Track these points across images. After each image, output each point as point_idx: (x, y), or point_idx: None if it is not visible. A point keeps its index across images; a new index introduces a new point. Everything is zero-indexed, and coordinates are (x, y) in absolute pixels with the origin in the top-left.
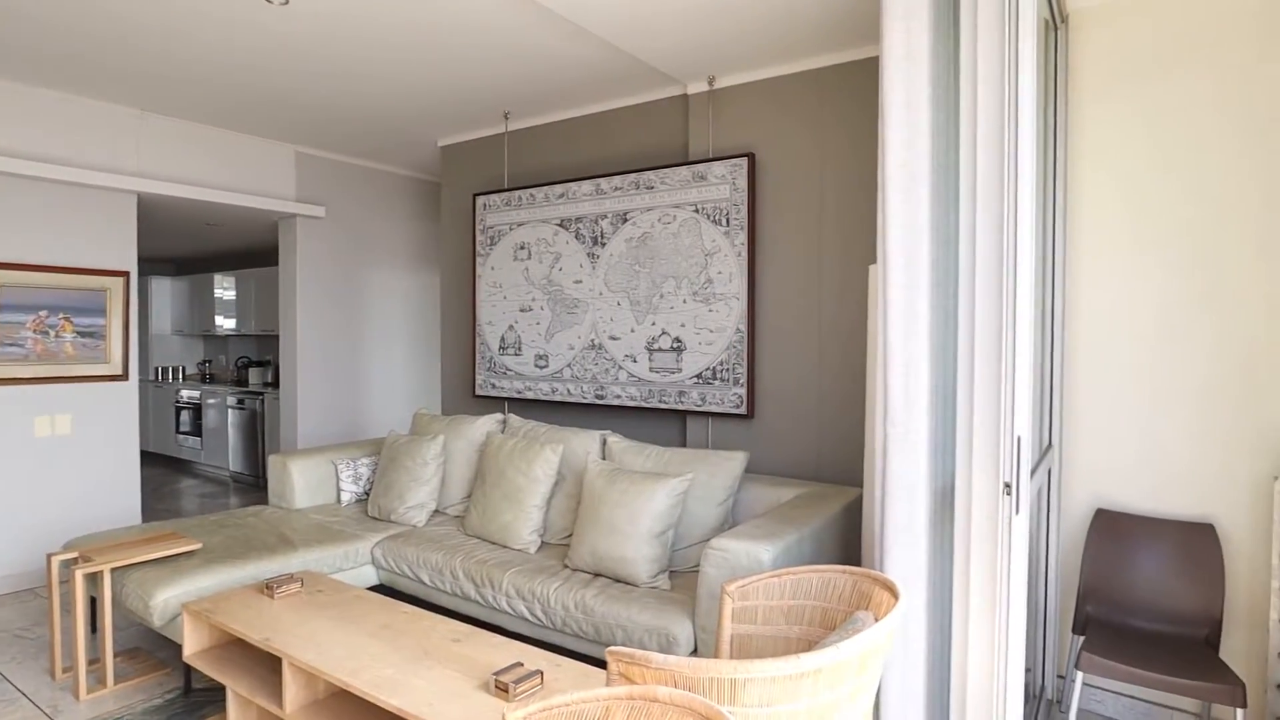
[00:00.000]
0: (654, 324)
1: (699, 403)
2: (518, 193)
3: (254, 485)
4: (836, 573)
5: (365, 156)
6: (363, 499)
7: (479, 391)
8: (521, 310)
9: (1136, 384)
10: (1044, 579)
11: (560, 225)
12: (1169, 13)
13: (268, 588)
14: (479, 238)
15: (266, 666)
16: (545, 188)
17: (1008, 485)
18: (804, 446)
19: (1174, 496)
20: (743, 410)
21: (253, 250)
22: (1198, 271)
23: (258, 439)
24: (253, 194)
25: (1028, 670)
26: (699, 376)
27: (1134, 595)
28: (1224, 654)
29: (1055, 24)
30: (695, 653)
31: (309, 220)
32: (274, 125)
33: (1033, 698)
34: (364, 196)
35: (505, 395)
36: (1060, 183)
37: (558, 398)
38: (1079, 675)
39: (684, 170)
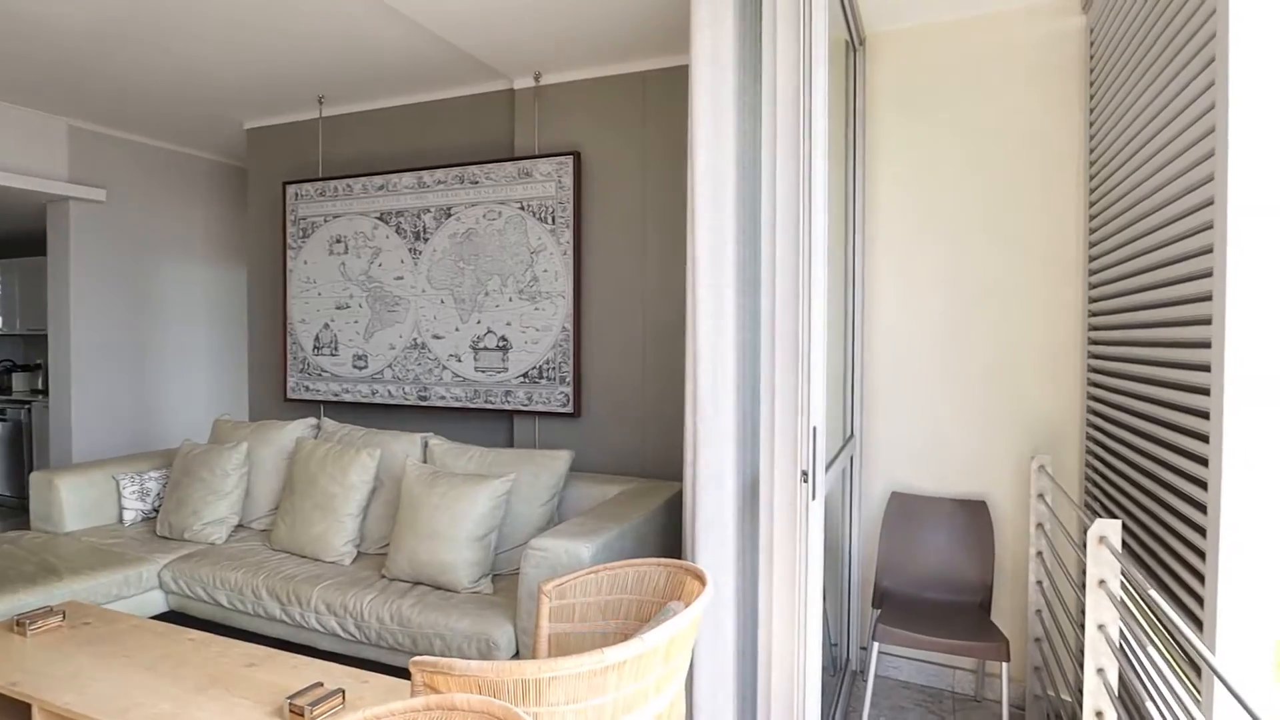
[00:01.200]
0: (479, 322)
1: (526, 402)
2: (334, 182)
3: (20, 508)
4: (651, 566)
5: (158, 136)
6: (151, 517)
7: (291, 395)
8: (338, 308)
9: (924, 377)
10: (848, 559)
11: (380, 219)
12: (946, 43)
13: (18, 624)
14: (290, 229)
15: (15, 716)
16: (364, 178)
17: (805, 473)
18: (630, 443)
19: (955, 478)
20: (569, 409)
21: (15, 237)
22: (973, 275)
23: (23, 455)
24: (10, 171)
25: (834, 645)
26: (526, 375)
27: (922, 569)
28: (995, 615)
29: (855, 45)
30: (516, 656)
31: (86, 204)
32: (40, 94)
33: (839, 670)
34: (156, 180)
35: (320, 399)
36: (860, 192)
37: (378, 400)
38: (875, 646)
39: (510, 166)
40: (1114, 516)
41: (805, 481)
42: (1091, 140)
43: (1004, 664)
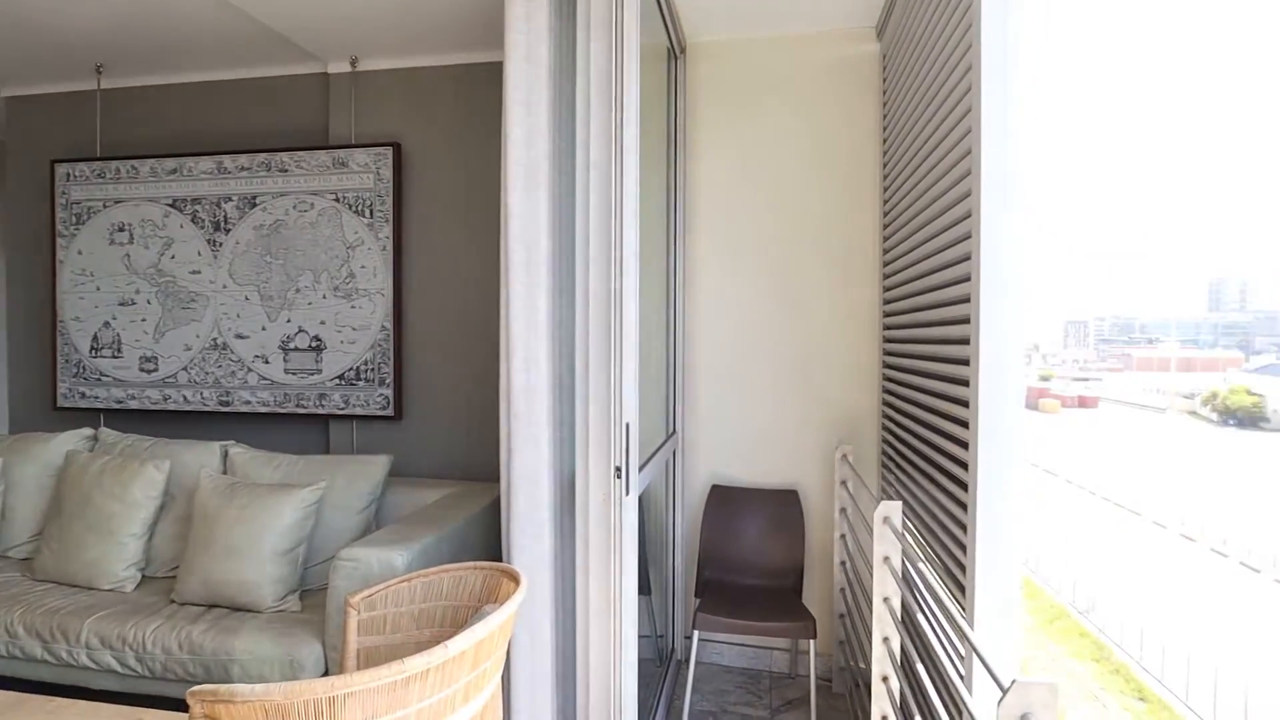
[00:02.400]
0: (289, 321)
1: (342, 405)
2: (115, 164)
3: None
4: (468, 570)
5: None
6: None
7: (63, 403)
8: (121, 304)
9: (741, 374)
10: (672, 552)
11: (173, 206)
12: (759, 57)
13: None
14: (61, 215)
15: None
16: (153, 161)
17: (618, 469)
18: (456, 445)
19: (768, 468)
20: (390, 411)
21: None
22: (784, 276)
23: None
24: None
25: (660, 636)
26: (342, 378)
27: (740, 557)
28: (806, 596)
29: (676, 52)
30: (326, 675)
31: None
32: None
33: (665, 660)
34: None
35: (100, 406)
36: (682, 194)
37: (171, 406)
38: (695, 634)
39: (324, 155)
40: (901, 499)
41: (619, 477)
42: (885, 154)
43: (811, 641)
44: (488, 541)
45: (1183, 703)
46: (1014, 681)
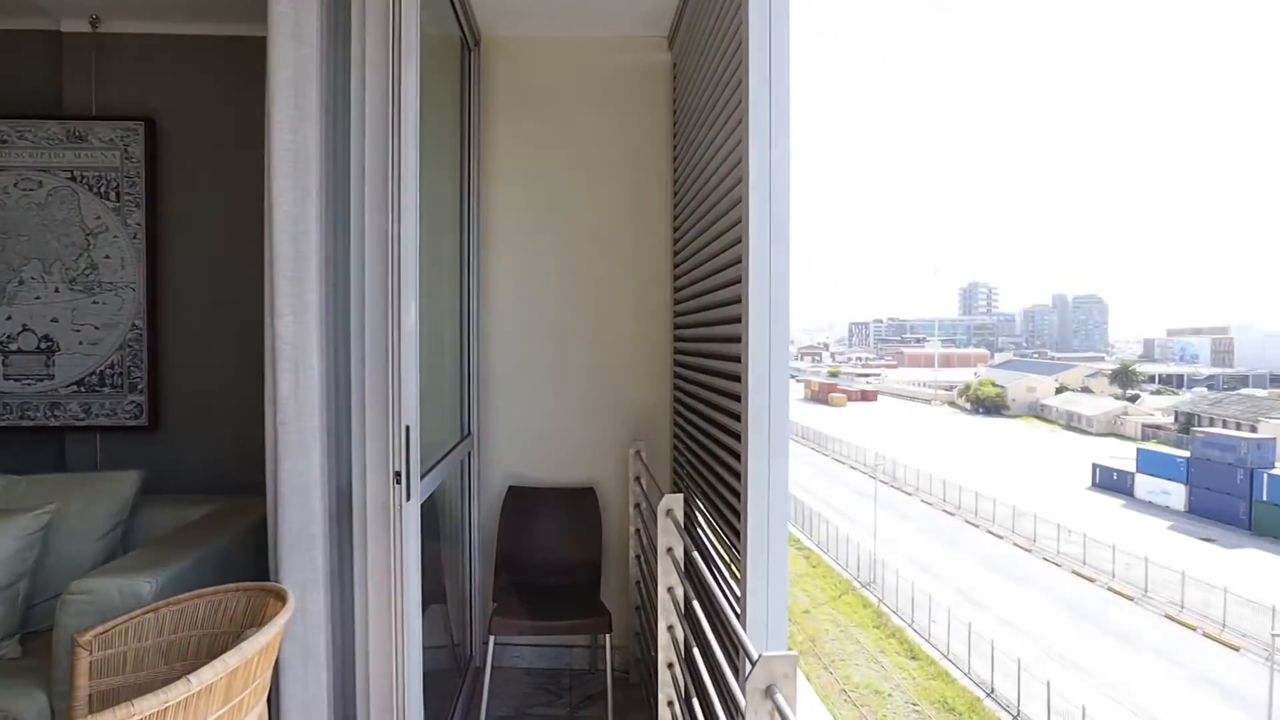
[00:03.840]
0: (10, 318)
1: (82, 415)
2: None
3: None
4: (229, 593)
5: None
6: None
7: None
8: None
9: (539, 374)
10: (469, 557)
11: None
12: (555, 56)
13: None
14: None
15: None
16: None
17: (398, 474)
18: (222, 457)
19: (567, 467)
20: (143, 421)
21: None
22: (580, 277)
23: None
24: None
25: (457, 645)
26: (81, 384)
27: (539, 558)
28: (605, 591)
29: (470, 44)
30: None
31: None
32: None
33: (463, 668)
34: None
35: None
36: (475, 191)
37: None
38: (492, 640)
39: (55, 126)
40: (689, 492)
41: (399, 483)
42: (675, 160)
43: (607, 635)
44: (258, 560)
45: (945, 656)
46: (760, 656)
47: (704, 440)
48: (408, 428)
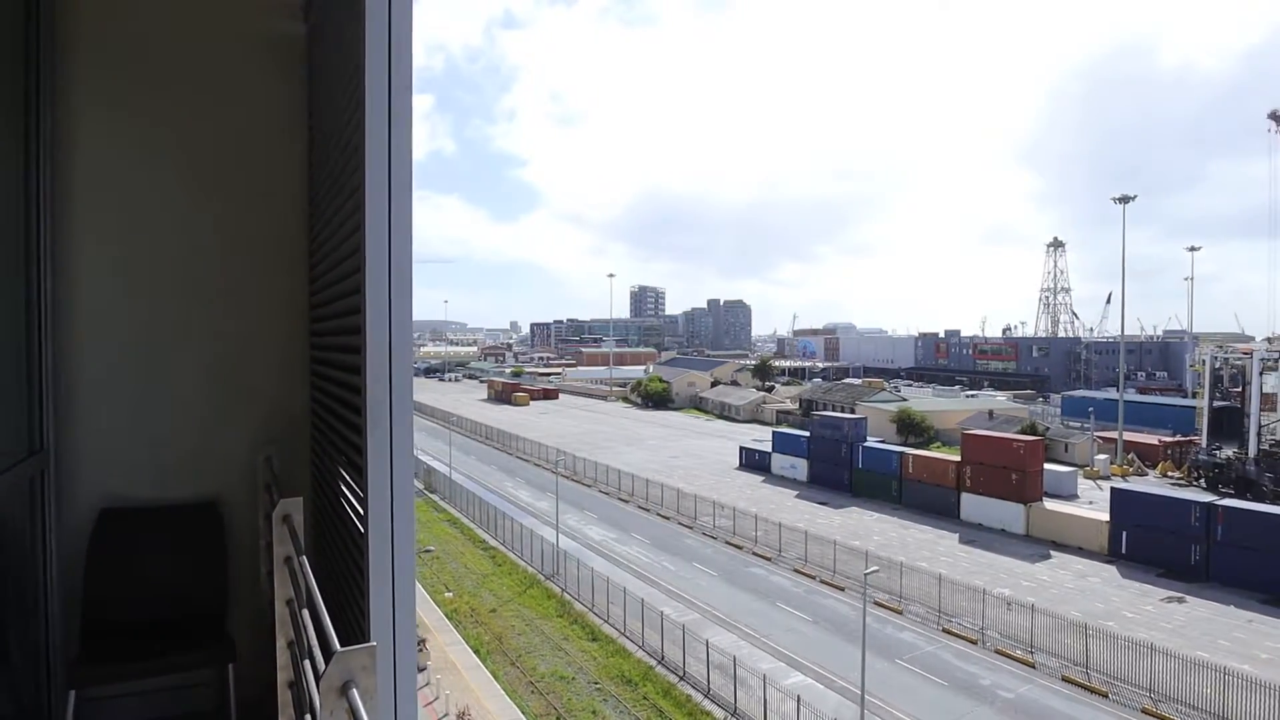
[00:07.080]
0: None
1: None
2: None
3: None
4: None
5: None
6: None
7: None
8: None
9: (147, 374)
10: (45, 601)
11: None
12: (161, 11)
13: None
14: None
15: None
16: None
17: None
18: None
19: (183, 481)
20: None
21: None
22: (201, 272)
23: None
24: None
25: (26, 711)
26: None
27: (145, 590)
28: (236, 617)
29: (32, 12)
30: None
31: None
32: None
33: None
34: None
35: None
36: (49, 160)
37: None
38: (72, 695)
39: None
40: (323, 498)
41: None
42: (311, 142)
43: (229, 665)
44: None
45: (623, 634)
46: (334, 653)
47: (334, 439)
48: None
